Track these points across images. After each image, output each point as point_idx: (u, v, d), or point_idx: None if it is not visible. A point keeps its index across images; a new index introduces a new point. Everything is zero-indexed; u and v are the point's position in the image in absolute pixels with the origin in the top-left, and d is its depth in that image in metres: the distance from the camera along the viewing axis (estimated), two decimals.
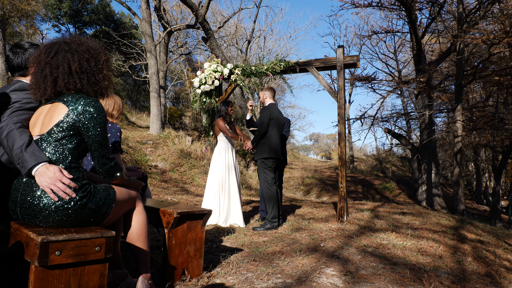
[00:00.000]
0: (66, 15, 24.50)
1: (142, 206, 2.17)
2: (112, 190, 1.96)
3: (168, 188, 8.35)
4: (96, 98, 1.95)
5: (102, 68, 1.95)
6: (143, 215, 2.14)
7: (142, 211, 2.15)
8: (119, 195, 1.98)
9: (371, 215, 5.50)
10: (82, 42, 1.92)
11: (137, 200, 2.16)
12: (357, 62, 5.20)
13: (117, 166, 1.97)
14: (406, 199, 18.79)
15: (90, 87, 1.90)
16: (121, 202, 1.99)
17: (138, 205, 2.15)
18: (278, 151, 4.69)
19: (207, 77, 5.63)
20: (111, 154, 1.93)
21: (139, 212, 2.13)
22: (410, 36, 18.01)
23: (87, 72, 1.88)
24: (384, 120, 19.98)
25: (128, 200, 2.06)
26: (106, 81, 1.98)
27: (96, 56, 1.93)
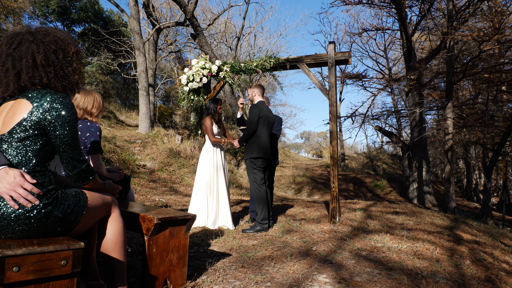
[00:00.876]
0: (54, 13, 24.00)
1: (118, 213, 1.99)
2: (84, 195, 1.77)
3: (156, 188, 8.14)
4: (65, 94, 1.76)
5: (72, 60, 1.76)
6: (119, 222, 1.96)
7: (119, 217, 1.97)
8: (92, 201, 1.80)
9: (364, 215, 5.37)
10: (48, 32, 1.72)
11: (113, 206, 1.98)
12: (349, 58, 5.06)
13: (89, 169, 1.78)
14: (398, 197, 18.78)
15: (58, 82, 1.71)
16: (94, 209, 1.81)
17: (114, 211, 1.97)
18: (267, 150, 4.53)
19: (195, 74, 5.44)
20: (82, 156, 1.74)
21: (115, 219, 1.95)
22: (400, 34, 18.00)
23: (54, 64, 1.69)
24: (375, 118, 19.98)
25: (102, 206, 1.88)
26: (76, 75, 1.78)
27: (65, 47, 1.74)
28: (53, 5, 23.71)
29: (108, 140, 9.66)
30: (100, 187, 1.93)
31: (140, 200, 6.50)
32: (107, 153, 8.72)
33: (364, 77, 17.45)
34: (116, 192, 2.15)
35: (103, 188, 1.97)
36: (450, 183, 13.29)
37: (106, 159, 8.17)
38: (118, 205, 2.03)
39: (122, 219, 2.00)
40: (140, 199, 6.55)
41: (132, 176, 8.30)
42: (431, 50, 17.27)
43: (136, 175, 8.57)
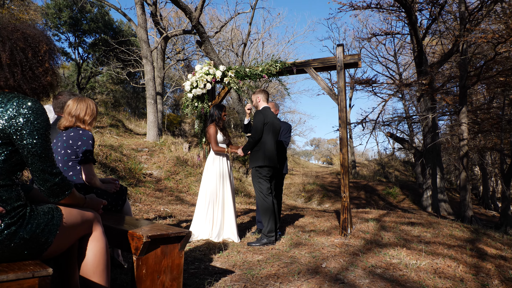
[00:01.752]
0: (66, 24, 24.36)
1: (101, 231, 1.77)
2: (58, 212, 1.55)
3: (162, 198, 7.94)
4: (36, 97, 1.56)
5: (43, 60, 1.56)
6: (101, 241, 1.74)
7: (101, 236, 1.75)
8: (68, 218, 1.58)
9: (377, 226, 5.08)
10: (17, 28, 1.53)
11: (95, 223, 1.76)
12: (358, 61, 4.82)
13: (65, 182, 1.56)
14: (411, 205, 18.31)
15: (27, 84, 1.51)
16: (71, 227, 1.59)
17: (95, 229, 1.75)
18: (273, 158, 4.29)
19: (198, 80, 5.25)
20: (56, 168, 1.52)
21: (97, 237, 1.73)
22: (411, 38, 17.70)
23: (22, 64, 1.49)
24: (386, 124, 19.58)
25: (81, 224, 1.66)
26: (48, 77, 1.58)
27: (35, 45, 1.55)
28: (64, 16, 24.06)
29: (115, 148, 9.53)
30: (79, 202, 1.71)
31: (144, 210, 6.31)
32: (113, 162, 8.57)
33: (374, 82, 17.13)
34: (100, 207, 1.93)
35: (84, 202, 1.76)
36: (466, 191, 12.84)
37: (111, 168, 8.02)
38: (101, 221, 1.81)
39: (105, 238, 1.77)
40: (145, 209, 6.35)
41: (137, 185, 8.13)
42: (443, 54, 16.90)
43: (142, 184, 8.40)
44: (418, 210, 16.57)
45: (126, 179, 8.10)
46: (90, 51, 26.87)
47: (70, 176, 2.65)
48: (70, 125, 2.70)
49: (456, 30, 15.14)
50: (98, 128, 12.37)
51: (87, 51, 27.06)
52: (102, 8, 25.60)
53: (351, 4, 15.61)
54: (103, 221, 2.24)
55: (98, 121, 13.54)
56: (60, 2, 23.77)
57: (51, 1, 24.09)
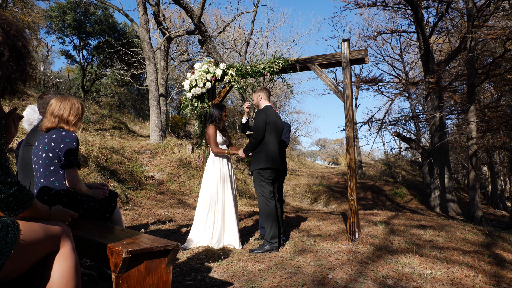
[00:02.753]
0: (70, 27, 24.39)
1: (70, 247, 1.54)
2: (14, 228, 1.33)
3: (164, 201, 7.75)
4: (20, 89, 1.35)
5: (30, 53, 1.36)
6: (70, 260, 1.51)
7: (70, 254, 1.52)
8: (28, 234, 1.36)
9: (386, 229, 4.84)
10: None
11: (63, 239, 1.53)
12: (365, 57, 4.58)
13: (22, 194, 1.33)
14: (419, 205, 18.00)
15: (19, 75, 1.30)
16: (31, 245, 1.37)
17: (64, 245, 1.52)
18: (276, 160, 4.06)
19: (198, 79, 5.05)
20: (11, 177, 1.30)
21: (65, 255, 1.51)
22: (417, 36, 17.42)
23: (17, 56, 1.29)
24: (393, 123, 19.27)
25: (45, 240, 1.43)
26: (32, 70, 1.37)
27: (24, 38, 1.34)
28: (68, 19, 24.08)
29: (116, 151, 9.35)
30: (43, 215, 1.50)
31: (144, 214, 6.11)
32: (114, 164, 8.39)
33: (380, 81, 16.87)
34: (68, 219, 1.71)
35: (49, 215, 1.54)
36: (475, 191, 12.52)
37: (111, 171, 7.84)
38: (71, 236, 1.59)
39: (75, 256, 1.55)
40: (144, 214, 6.16)
41: (138, 188, 7.94)
42: (450, 52, 16.61)
43: (143, 187, 8.21)
44: (426, 211, 16.27)
45: (127, 182, 7.92)
46: (95, 54, 26.86)
47: (52, 182, 2.45)
48: (53, 126, 2.50)
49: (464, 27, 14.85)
50: (101, 131, 12.23)
51: (91, 53, 27.07)
52: (106, 10, 25.58)
53: (356, 2, 15.39)
54: (85, 231, 2.04)
55: (100, 123, 13.41)
56: (64, 5, 23.78)
57: (55, 4, 24.10)
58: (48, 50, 33.97)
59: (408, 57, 26.14)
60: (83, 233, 1.95)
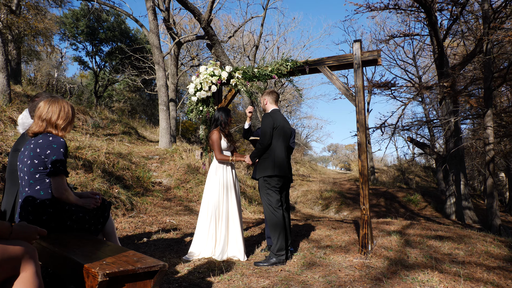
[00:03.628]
0: (83, 33, 24.75)
1: (32, 271, 1.34)
2: None
3: (170, 208, 7.57)
4: None
5: None
6: (32, 285, 1.32)
7: (32, 279, 1.32)
8: None
9: (401, 241, 4.56)
10: None
11: (25, 261, 1.33)
12: (378, 58, 4.35)
13: None
14: (433, 212, 17.53)
15: None
16: None
17: (25, 269, 1.32)
18: (284, 166, 3.83)
19: (202, 82, 4.86)
20: None
21: (26, 281, 1.31)
22: (431, 39, 17.05)
23: None
24: (406, 128, 18.86)
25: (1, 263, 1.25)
26: None
27: None
28: (82, 26, 24.42)
29: (123, 156, 9.23)
30: (1, 233, 1.31)
31: (148, 222, 5.93)
32: (120, 170, 8.26)
33: (393, 86, 16.51)
34: (35, 237, 1.51)
35: (9, 233, 1.35)
36: (493, 198, 12.07)
37: (117, 176, 7.70)
38: (36, 257, 1.39)
39: (39, 281, 1.35)
40: (149, 221, 5.98)
41: (144, 194, 7.78)
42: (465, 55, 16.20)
43: (149, 193, 8.05)
44: (441, 218, 15.81)
45: (133, 188, 7.77)
46: (107, 60, 27.13)
47: (37, 191, 2.27)
48: (40, 130, 2.32)
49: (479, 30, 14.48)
50: (110, 136, 12.17)
51: (104, 59, 27.34)
52: (119, 17, 25.82)
53: (368, 5, 15.14)
54: (65, 247, 1.84)
55: (110, 128, 13.36)
56: (78, 12, 24.09)
57: (69, 11, 24.44)
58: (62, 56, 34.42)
59: (421, 61, 25.70)
60: (62, 250, 1.75)
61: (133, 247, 4.26)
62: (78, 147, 7.87)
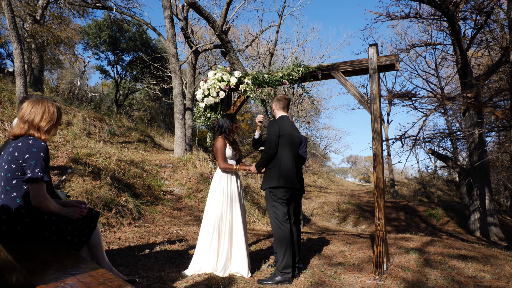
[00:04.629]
0: (105, 43, 25.36)
1: None
2: None
3: (180, 217, 7.37)
4: None
5: None
6: None
7: None
8: None
9: (420, 260, 4.21)
10: None
11: None
12: (396, 63, 4.07)
13: None
14: (456, 228, 16.82)
15: None
16: None
17: None
18: (291, 177, 3.57)
19: (210, 88, 4.68)
20: None
21: None
22: (454, 49, 16.55)
23: None
24: (427, 140, 18.25)
25: None
26: None
27: None
28: (104, 36, 25.01)
29: (135, 164, 9.13)
30: None
31: (154, 232, 5.74)
32: (131, 178, 8.14)
33: (414, 96, 16.01)
34: None
35: None
36: None
37: (127, 184, 7.57)
38: None
39: None
40: (155, 231, 5.79)
41: (154, 203, 7.62)
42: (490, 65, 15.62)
43: (159, 202, 7.89)
44: (464, 234, 15.13)
45: (143, 196, 7.62)
46: (128, 69, 27.59)
47: (12, 199, 2.08)
48: (21, 133, 2.15)
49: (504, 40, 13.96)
50: (125, 143, 12.15)
51: (125, 68, 27.82)
52: (140, 27, 26.28)
53: (388, 13, 14.81)
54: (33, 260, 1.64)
55: (126, 136, 13.37)
56: (101, 22, 24.68)
57: (92, 22, 25.09)
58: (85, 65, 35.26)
59: (444, 71, 25.05)
60: (23, 265, 1.55)
61: (133, 259, 4.06)
62: (89, 154, 7.81)
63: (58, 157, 7.31)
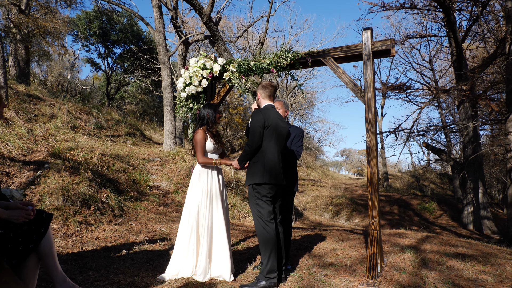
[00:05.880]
0: (95, 35, 24.78)
1: None
2: None
3: (166, 214, 7.05)
4: None
5: None
6: None
7: None
8: None
9: (416, 259, 3.94)
10: None
11: None
12: (391, 48, 3.76)
13: None
14: (450, 221, 16.71)
15: None
16: None
17: None
18: (276, 173, 3.25)
19: (192, 76, 4.34)
20: None
21: None
22: (449, 41, 16.31)
23: None
24: (421, 133, 18.04)
25: None
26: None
27: None
28: (94, 27, 24.47)
29: (121, 158, 8.76)
30: None
31: (135, 230, 5.41)
32: (115, 172, 7.79)
33: (409, 88, 15.76)
34: None
35: None
36: None
37: (110, 179, 7.22)
38: None
39: None
40: (136, 229, 5.46)
41: (139, 199, 7.28)
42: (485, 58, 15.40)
43: (145, 198, 7.55)
44: (458, 228, 15.04)
45: (127, 191, 7.27)
46: (119, 61, 27.07)
47: None
48: None
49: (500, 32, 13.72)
50: (113, 137, 11.76)
51: (115, 61, 27.30)
52: (131, 18, 25.72)
53: (383, 4, 14.47)
54: None
55: (114, 129, 12.96)
56: (90, 13, 24.11)
57: (82, 13, 24.51)
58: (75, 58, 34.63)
59: (438, 64, 24.84)
60: None
61: (107, 261, 3.73)
62: (70, 148, 7.43)
63: (37, 151, 6.93)
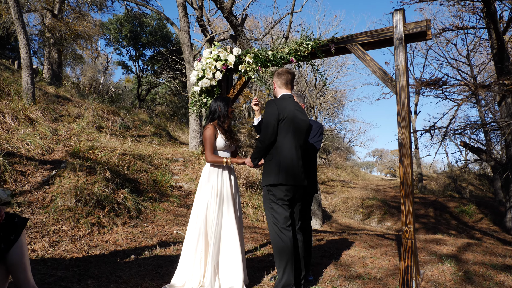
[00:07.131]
0: (127, 38, 25.40)
1: None
2: None
3: (185, 216, 6.78)
4: None
5: None
6: None
7: None
8: None
9: (458, 273, 3.44)
10: None
11: None
12: (427, 30, 3.28)
13: None
14: (491, 225, 15.63)
15: None
16: None
17: None
18: (294, 172, 2.85)
19: (205, 68, 4.02)
20: None
21: None
22: (488, 33, 15.25)
23: None
24: (458, 132, 16.96)
25: None
26: None
27: None
28: (125, 31, 25.04)
29: (143, 158, 8.61)
30: None
31: (150, 233, 5.16)
32: (136, 172, 7.62)
33: (444, 84, 14.86)
34: None
35: None
36: None
37: (128, 179, 7.04)
38: None
39: None
40: (152, 232, 5.21)
41: (159, 200, 7.06)
42: None
43: (165, 199, 7.33)
44: (500, 233, 14.01)
45: (146, 192, 7.07)
46: (149, 64, 27.55)
47: None
48: None
49: None
50: (138, 137, 11.72)
51: (146, 63, 27.80)
52: (161, 21, 26.07)
53: None
54: None
55: (141, 129, 12.93)
56: (121, 17, 24.67)
57: (113, 17, 25.16)
58: (108, 61, 35.46)
59: (476, 59, 23.45)
60: None
61: (111, 268, 3.47)
62: (91, 147, 7.32)
63: (57, 150, 6.85)
